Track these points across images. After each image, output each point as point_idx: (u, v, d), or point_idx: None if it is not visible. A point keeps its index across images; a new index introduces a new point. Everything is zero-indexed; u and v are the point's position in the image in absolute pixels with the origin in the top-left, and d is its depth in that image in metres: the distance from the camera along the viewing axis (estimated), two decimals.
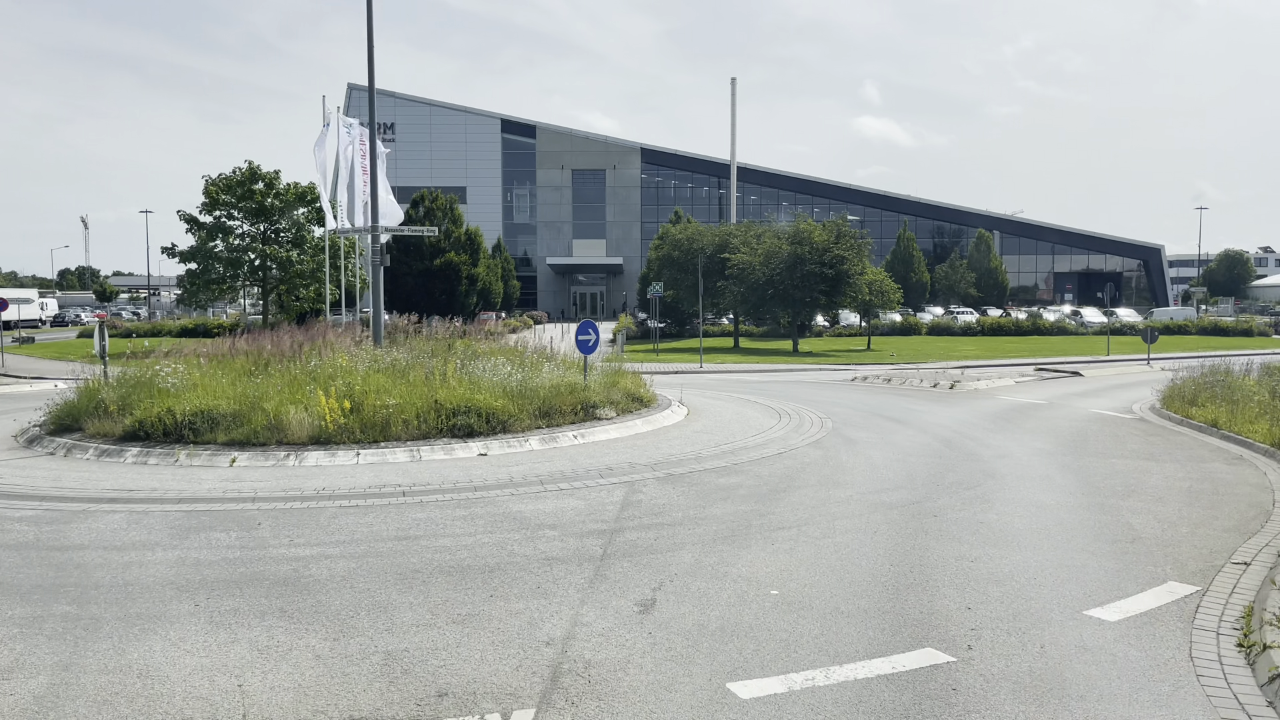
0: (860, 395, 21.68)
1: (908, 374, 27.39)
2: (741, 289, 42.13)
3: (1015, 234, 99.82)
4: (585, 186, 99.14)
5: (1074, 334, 57.15)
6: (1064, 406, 19.80)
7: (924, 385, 24.45)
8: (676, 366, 31.35)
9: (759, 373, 30.33)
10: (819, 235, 41.16)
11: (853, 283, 40.85)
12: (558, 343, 36.31)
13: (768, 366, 31.88)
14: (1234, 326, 56.57)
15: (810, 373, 30.60)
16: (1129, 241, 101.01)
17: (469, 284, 56.65)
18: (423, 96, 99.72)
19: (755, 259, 41.92)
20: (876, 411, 18.26)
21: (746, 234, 46.00)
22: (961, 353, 41.92)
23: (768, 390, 22.97)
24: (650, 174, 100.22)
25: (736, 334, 48.40)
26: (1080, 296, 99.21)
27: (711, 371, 30.19)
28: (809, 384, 25.57)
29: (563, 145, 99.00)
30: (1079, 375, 27.82)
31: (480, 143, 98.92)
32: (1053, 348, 45.53)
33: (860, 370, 31.15)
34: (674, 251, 46.76)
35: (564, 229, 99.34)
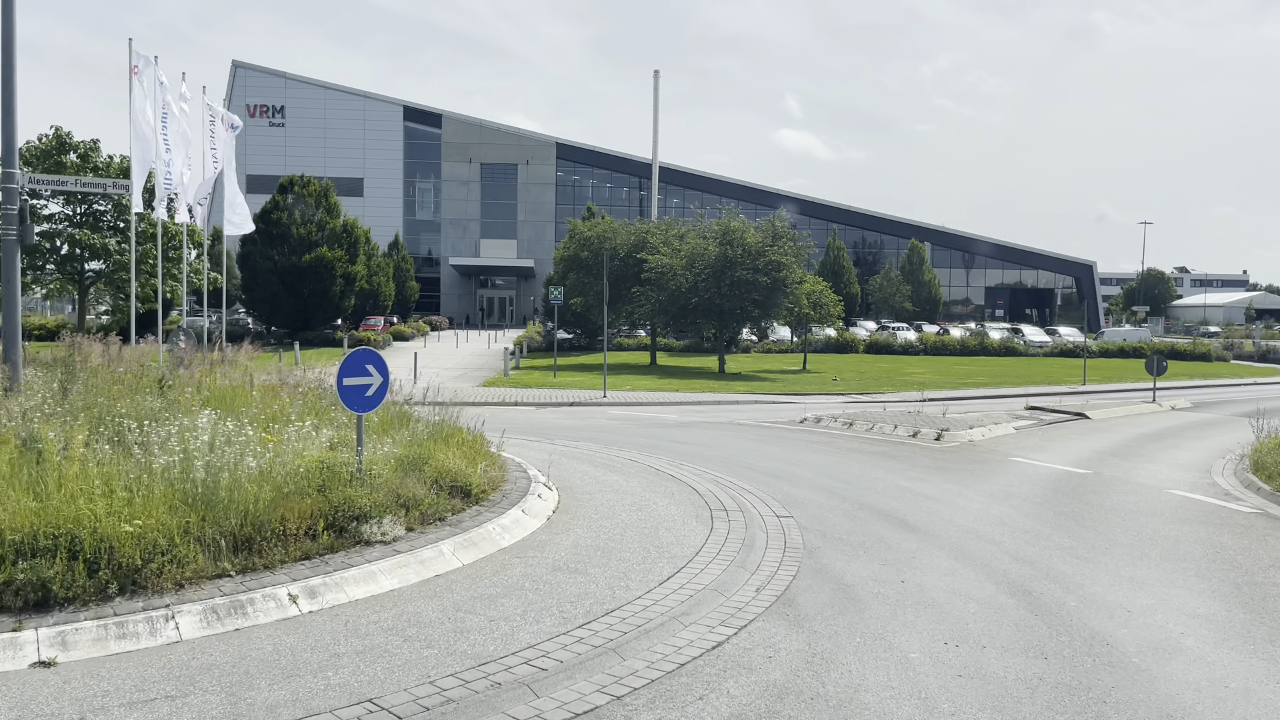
0: (823, 456, 15.02)
1: (870, 412, 20.95)
2: (661, 296, 35.49)
3: (947, 246, 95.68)
4: (496, 182, 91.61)
5: (1023, 354, 52.04)
6: (1118, 479, 13.48)
7: (901, 434, 17.99)
8: (572, 395, 24.40)
9: (679, 406, 23.58)
10: (752, 236, 34.77)
11: (791, 293, 34.56)
12: (438, 362, 29.02)
13: (689, 397, 25.14)
14: (1191, 350, 52.16)
15: (744, 406, 23.98)
16: (1062, 257, 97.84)
17: (345, 284, 48.78)
18: (316, 78, 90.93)
19: (677, 262, 35.29)
20: (861, 496, 11.59)
21: (667, 233, 39.36)
22: (911, 376, 35.93)
23: (690, 442, 16.17)
24: (567, 172, 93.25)
25: (654, 349, 41.73)
26: (1011, 312, 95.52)
27: (617, 404, 23.33)
28: (747, 429, 18.86)
29: (471, 137, 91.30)
30: (1085, 418, 21.77)
31: (380, 131, 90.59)
32: (1009, 371, 39.96)
33: (808, 405, 24.64)
34: (582, 251, 39.86)
35: (471, 227, 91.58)
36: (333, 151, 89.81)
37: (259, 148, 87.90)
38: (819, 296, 38.62)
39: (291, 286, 46.83)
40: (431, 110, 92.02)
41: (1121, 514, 11.05)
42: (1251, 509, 11.66)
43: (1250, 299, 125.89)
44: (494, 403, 22.67)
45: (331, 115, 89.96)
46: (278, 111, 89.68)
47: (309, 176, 49.68)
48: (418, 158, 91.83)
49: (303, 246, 47.14)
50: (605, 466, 12.77)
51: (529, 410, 21.35)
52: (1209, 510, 11.48)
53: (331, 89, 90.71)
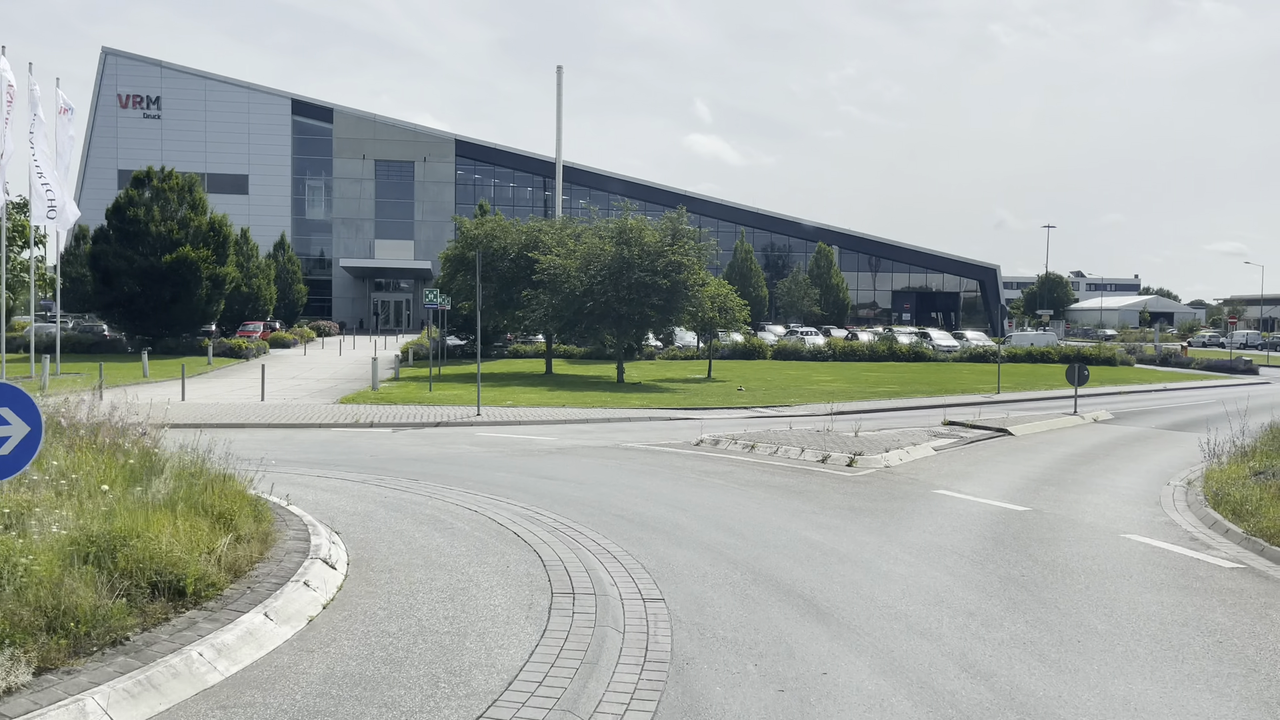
0: (717, 495, 12.45)
1: (775, 431, 18.54)
2: (554, 300, 32.65)
3: (854, 250, 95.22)
4: (391, 180, 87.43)
5: (932, 359, 50.83)
6: (1062, 519, 11.26)
7: (809, 459, 15.58)
8: (442, 414, 21.41)
9: (562, 426, 20.80)
10: (651, 235, 32.22)
11: (693, 296, 32.12)
12: (310, 373, 25.92)
13: (576, 414, 22.39)
14: (1097, 354, 51.73)
15: (637, 425, 21.33)
16: (967, 261, 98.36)
17: (213, 286, 44.55)
18: (195, 68, 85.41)
19: (571, 263, 32.48)
20: (758, 559, 9.01)
21: (561, 232, 36.52)
22: (820, 384, 33.91)
23: (559, 477, 13.42)
24: (467, 170, 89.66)
25: (549, 356, 38.83)
26: (918, 316, 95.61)
27: (491, 423, 20.42)
28: (633, 455, 16.21)
29: (364, 133, 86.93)
30: (1008, 434, 19.78)
31: (267, 125, 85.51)
32: (920, 378, 38.35)
33: (708, 421, 22.14)
34: (469, 251, 36.72)
35: (365, 227, 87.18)
36: (214, 146, 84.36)
37: (132, 140, 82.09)
38: (724, 300, 36.32)
39: (151, 290, 42.45)
40: (322, 104, 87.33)
41: (1082, 577, 8.72)
42: (1230, 562, 9.48)
43: (1144, 302, 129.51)
44: (344, 424, 19.54)
45: (213, 108, 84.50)
46: (153, 102, 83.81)
47: (170, 168, 45.29)
48: (308, 154, 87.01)
49: (163, 246, 42.78)
50: (432, 521, 9.90)
51: (381, 435, 18.31)
52: (1182, 566, 9.26)
53: (213, 80, 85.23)
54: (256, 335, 55.19)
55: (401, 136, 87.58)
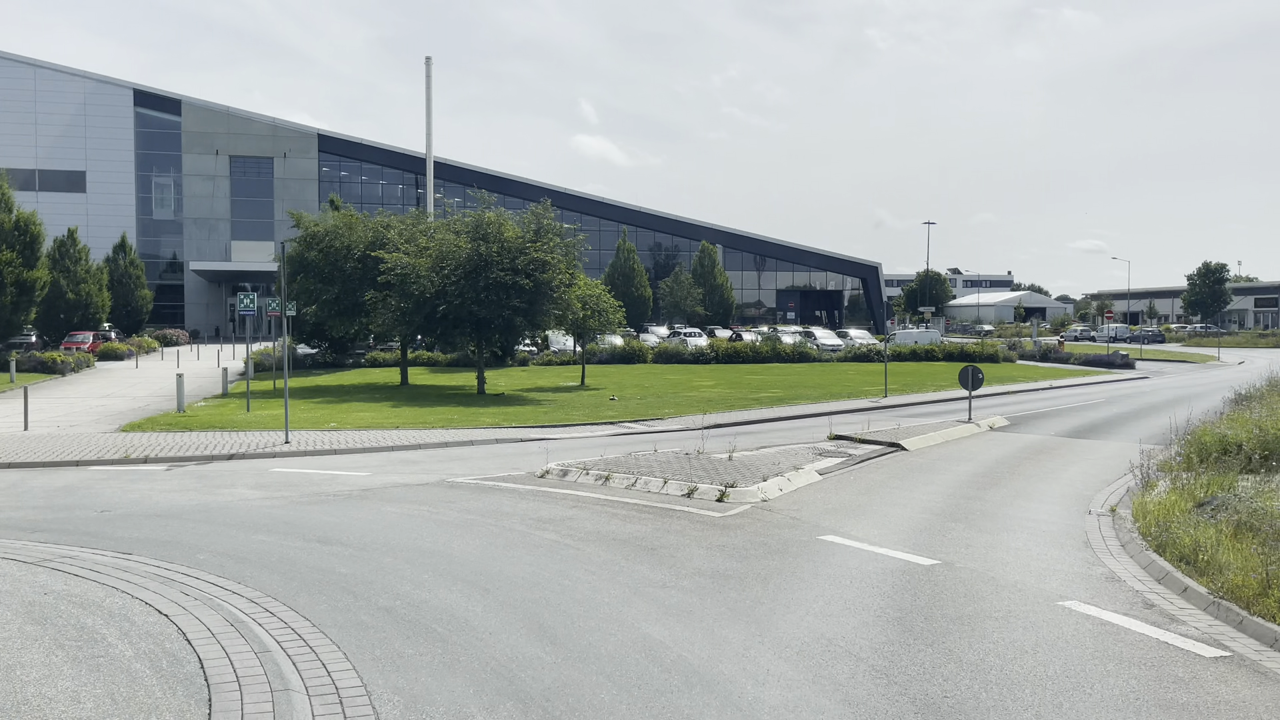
0: (541, 561, 9.49)
1: (638, 456, 15.73)
2: (403, 304, 29.15)
3: (739, 249, 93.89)
4: (248, 178, 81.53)
5: (816, 359, 49.16)
6: (981, 577, 8.77)
7: (672, 493, 12.82)
8: (241, 443, 17.83)
9: (385, 454, 17.51)
10: (511, 230, 29.07)
11: (559, 297, 29.09)
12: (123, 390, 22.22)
13: (410, 438, 19.09)
14: (979, 351, 51.02)
15: (479, 449, 18.20)
16: (850, 259, 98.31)
17: (19, 293, 39.19)
18: (23, 55, 77.76)
19: (420, 262, 29.02)
20: (559, 695, 6.08)
21: (413, 228, 32.96)
22: (700, 391, 31.43)
23: (338, 540, 10.24)
24: (333, 167, 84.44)
25: (404, 366, 35.14)
26: (802, 314, 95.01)
27: (296, 453, 16.96)
28: (458, 496, 13.10)
29: (217, 126, 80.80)
30: (901, 449, 17.47)
31: (106, 118, 78.55)
32: (804, 380, 36.35)
33: (565, 441, 19.17)
34: (310, 251, 32.82)
35: (220, 228, 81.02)
36: (46, 140, 76.99)
37: None
38: (597, 301, 33.44)
39: None
40: (169, 95, 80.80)
41: (1028, 690, 6.11)
42: (1210, 646, 7.06)
43: (1019, 298, 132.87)
44: (110, 460, 15.79)
45: (44, 99, 77.08)
46: None
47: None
48: (154, 149, 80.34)
49: None
50: (80, 640, 6.60)
51: (146, 476, 14.66)
52: (1153, 661, 6.76)
53: (43, 68, 77.78)
54: (85, 346, 49.66)
55: (259, 131, 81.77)
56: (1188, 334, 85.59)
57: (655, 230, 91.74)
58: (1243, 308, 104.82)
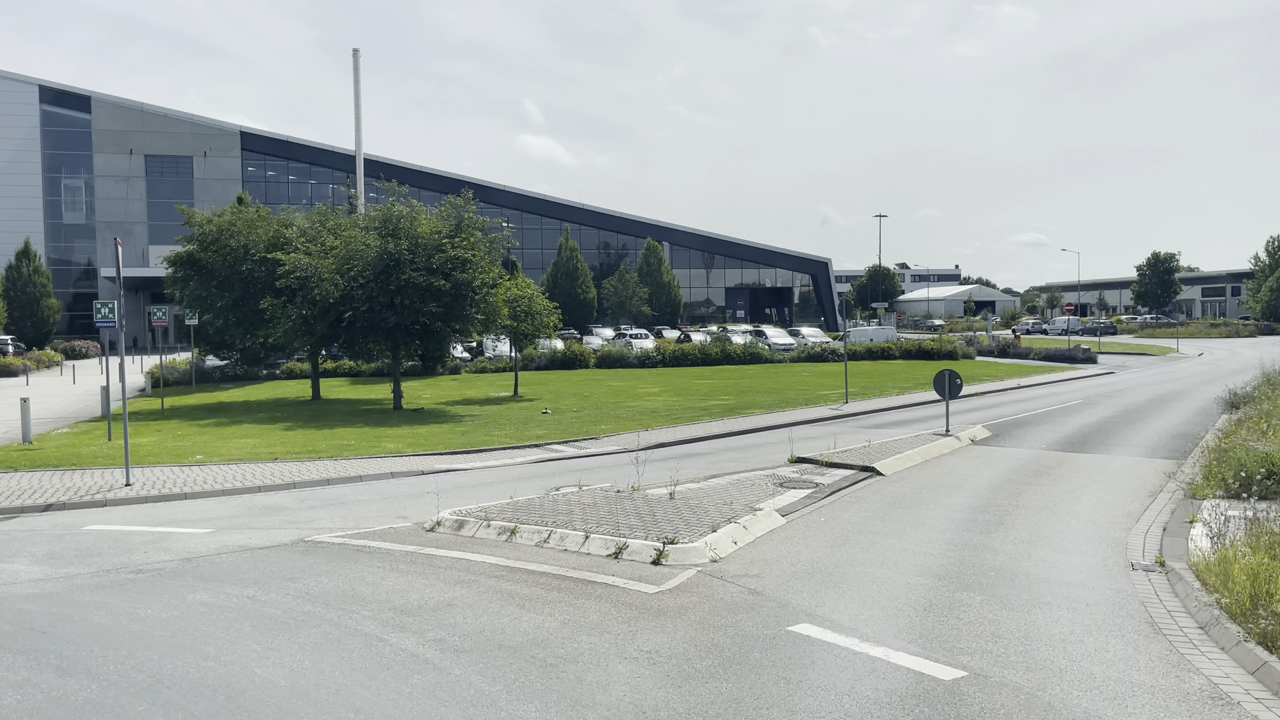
0: (400, 703, 6.40)
1: (559, 498, 12.73)
2: (307, 311, 25.76)
3: (687, 246, 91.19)
4: (166, 178, 76.89)
5: (769, 360, 46.52)
6: (1027, 697, 5.90)
7: (594, 550, 9.84)
8: (70, 485, 14.45)
9: (248, 497, 14.24)
10: (426, 225, 25.86)
11: (481, 300, 25.91)
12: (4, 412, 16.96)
13: (284, 473, 15.82)
14: (938, 349, 48.78)
15: (367, 486, 15.03)
16: (799, 255, 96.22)
17: None
18: None
19: (323, 263, 25.65)
20: None
21: (318, 226, 29.54)
22: (644, 400, 28.51)
23: (74, 668, 7.07)
24: (258, 166, 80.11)
25: (316, 379, 31.62)
26: (752, 312, 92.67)
27: (132, 500, 13.61)
28: (310, 565, 9.94)
29: (131, 124, 76.03)
30: (877, 474, 14.67)
31: (8, 116, 73.45)
32: (756, 384, 33.63)
33: (476, 472, 16.08)
34: (205, 252, 29.20)
35: (137, 231, 76.20)
36: None
37: None
38: (529, 303, 30.30)
39: None
40: (77, 92, 75.83)
41: None
42: None
43: (968, 291, 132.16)
44: None
45: None
46: None
47: None
48: (62, 148, 75.31)
49: None
50: None
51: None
52: None
53: None
54: None
55: (176, 129, 77.13)
56: (1139, 325, 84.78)
57: (601, 229, 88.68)
58: (1190, 298, 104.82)
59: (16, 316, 60.60)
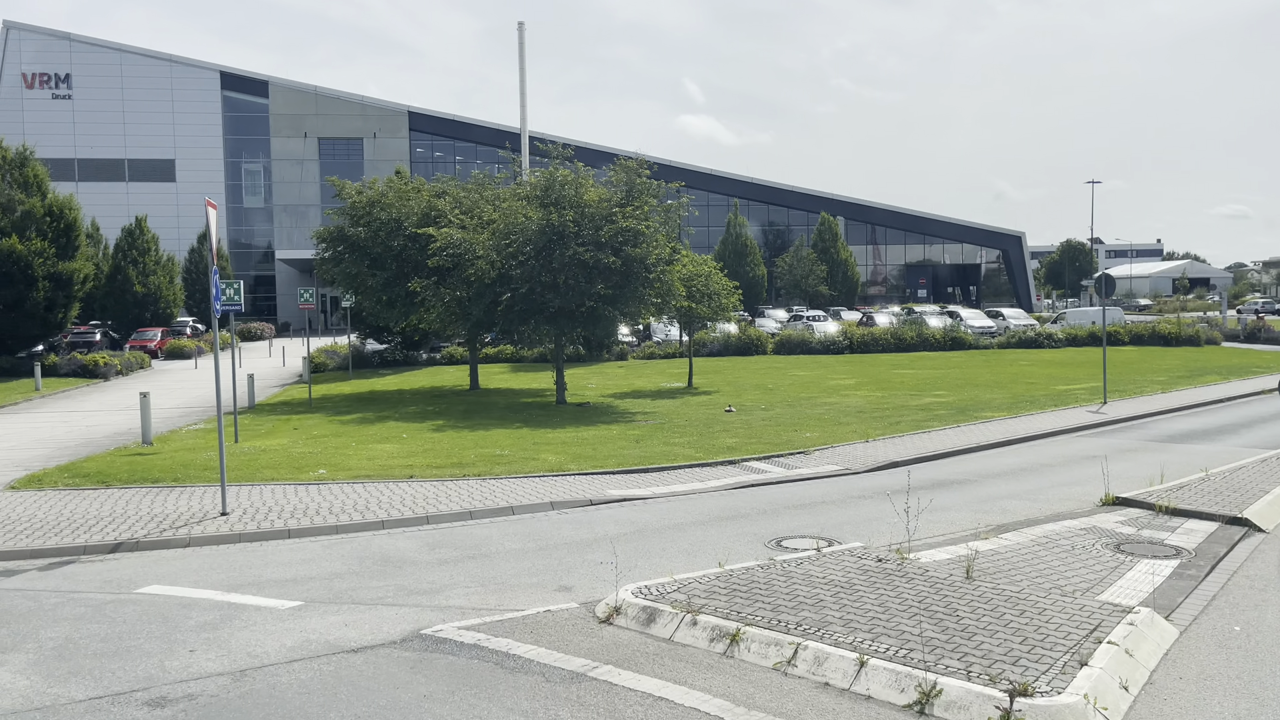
0: None
1: (792, 555, 8.79)
2: (458, 292, 22.82)
3: (862, 220, 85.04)
4: (338, 160, 77.24)
5: (972, 346, 40.90)
6: None
7: (878, 693, 5.77)
8: (163, 514, 11.65)
9: (368, 537, 10.97)
10: (593, 193, 22.37)
11: (655, 278, 22.21)
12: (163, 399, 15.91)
13: (426, 500, 12.53)
14: (1176, 333, 41.69)
15: (523, 525, 11.54)
16: (987, 228, 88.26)
17: (54, 287, 34.71)
18: (109, 40, 75.26)
19: (478, 237, 22.58)
20: None
21: (475, 196, 26.58)
22: (838, 392, 24.16)
23: None
24: (425, 146, 79.66)
25: (474, 366, 28.82)
26: (935, 292, 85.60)
27: (227, 538, 10.60)
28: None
29: (306, 108, 76.86)
30: (1252, 527, 9.90)
31: (193, 103, 75.39)
32: (969, 376, 28.57)
33: (656, 516, 12.31)
34: (355, 228, 26.82)
35: (310, 214, 77.06)
36: (135, 128, 74.34)
37: (40, 125, 71.44)
38: (706, 282, 26.40)
39: None
40: (256, 77, 77.21)
41: None
42: None
43: (1180, 268, 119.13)
44: None
45: (131, 85, 74.40)
46: (62, 80, 73.74)
47: None
48: (242, 133, 76.99)
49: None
50: None
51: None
52: None
53: (129, 52, 75.11)
54: (153, 344, 45.59)
55: (347, 111, 77.50)
56: None
57: (769, 203, 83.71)
58: None
59: (198, 299, 61.86)
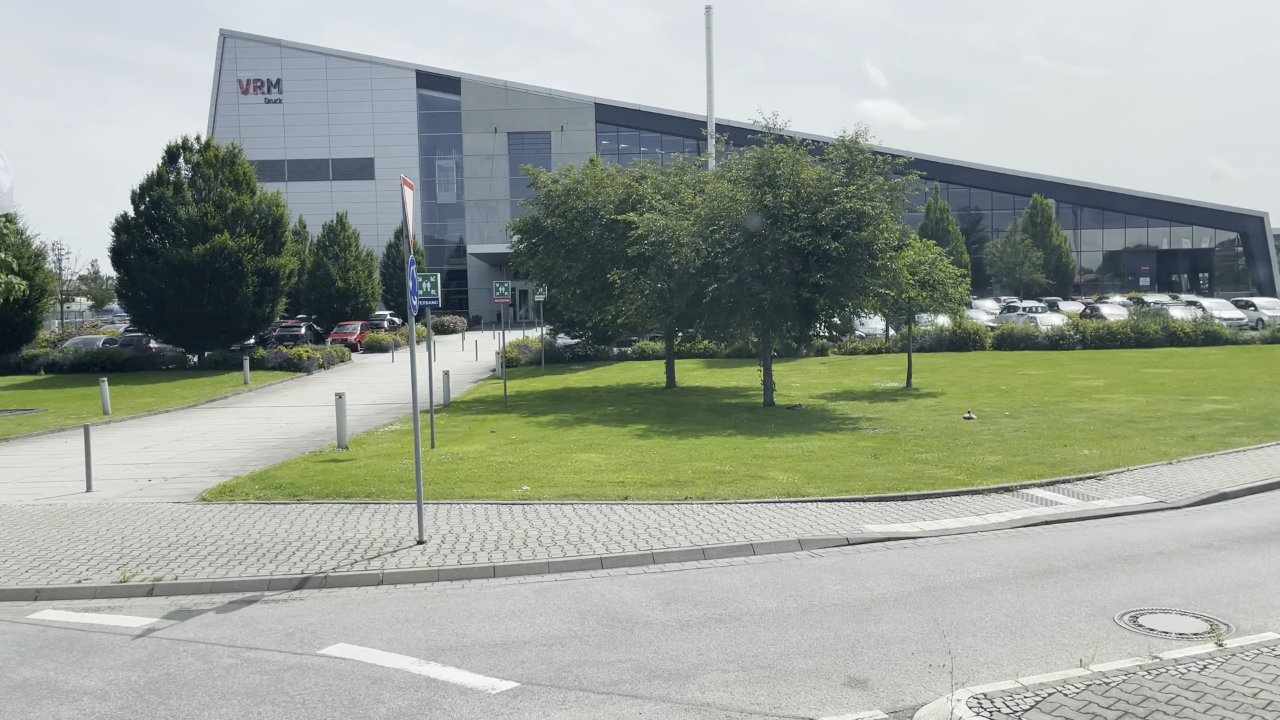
0: None
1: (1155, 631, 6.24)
2: (660, 284, 21.04)
3: (1074, 203, 77.97)
4: (526, 154, 77.84)
5: (1231, 341, 35.67)
6: None
7: None
8: (354, 537, 10.24)
9: (587, 579, 9.16)
10: (811, 171, 19.98)
11: (883, 266, 19.60)
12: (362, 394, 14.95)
13: (649, 531, 10.63)
14: None
15: (769, 571, 9.42)
16: (1222, 209, 79.05)
17: (262, 283, 35.57)
18: (315, 45, 78.70)
19: (683, 224, 20.69)
20: None
21: (675, 180, 24.71)
22: (1090, 395, 20.74)
23: None
24: (610, 137, 79.14)
25: (670, 362, 27.08)
26: (1159, 280, 77.48)
27: (424, 575, 9.01)
28: None
29: (495, 103, 77.85)
30: None
31: (391, 102, 77.85)
32: (1242, 379, 24.28)
33: (938, 560, 9.89)
34: (549, 217, 25.54)
35: (499, 209, 78.06)
36: (338, 129, 77.54)
37: (255, 129, 75.79)
38: (930, 270, 23.47)
39: (184, 288, 33.88)
40: (448, 74, 78.89)
41: None
42: None
43: None
44: (83, 591, 8.63)
45: (335, 87, 77.61)
46: (273, 85, 77.73)
47: (210, 139, 36.65)
48: (436, 130, 78.88)
49: (195, 233, 34.11)
50: None
51: (67, 645, 7.31)
52: None
53: (333, 55, 78.36)
54: (353, 338, 46.74)
55: (535, 104, 77.96)
56: None
57: (970, 186, 78.12)
58: None
59: (395, 293, 63.57)
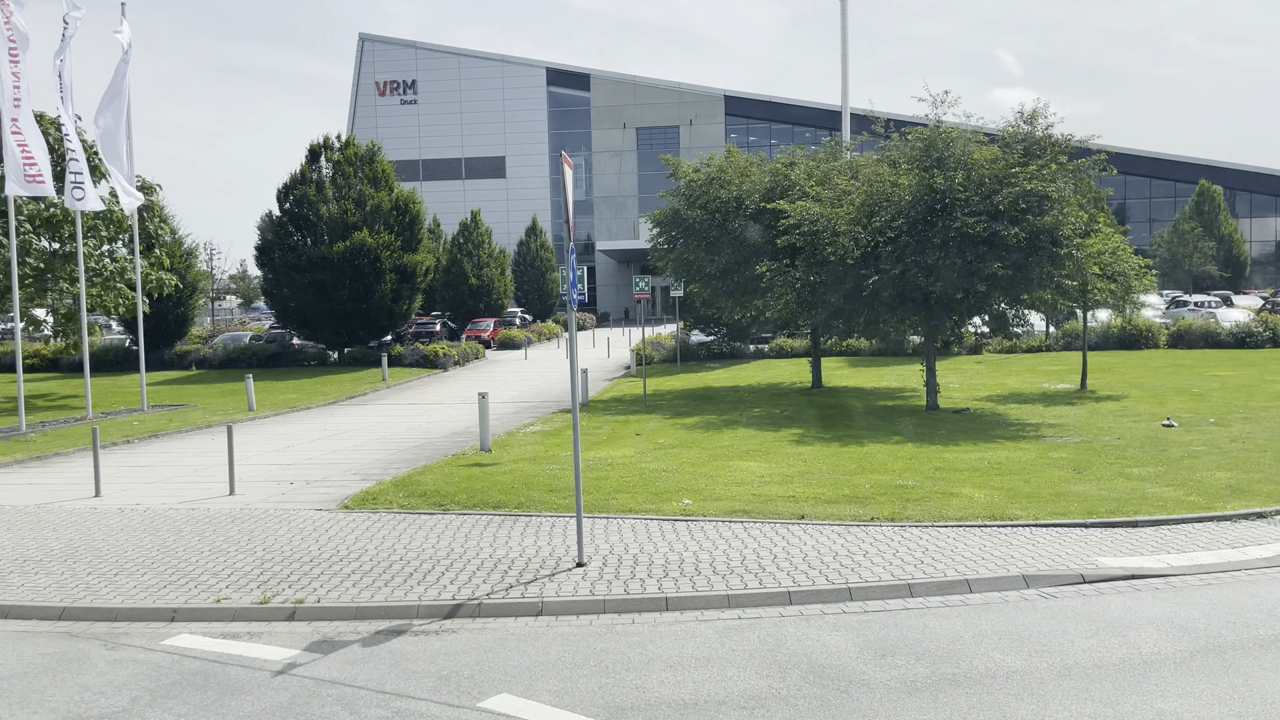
0: None
1: None
2: (816, 277, 19.58)
3: (1241, 188, 71.84)
4: (654, 150, 77.03)
5: None
6: None
7: None
8: (504, 557, 9.30)
9: (776, 618, 7.92)
10: (983, 152, 18.15)
11: (1065, 255, 17.58)
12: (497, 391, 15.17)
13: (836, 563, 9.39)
14: None
15: (995, 608, 8.01)
16: None
17: (400, 279, 35.70)
18: (449, 45, 79.86)
19: (836, 212, 19.15)
20: None
21: (825, 165, 23.09)
22: None
23: None
24: (740, 130, 77.39)
25: (817, 361, 25.48)
26: None
27: (588, 604, 7.96)
28: None
29: (624, 98, 77.29)
30: None
31: (522, 100, 78.28)
32: None
33: (1191, 600, 8.20)
34: (690, 209, 24.34)
35: (627, 205, 77.60)
36: (471, 128, 78.53)
37: (391, 130, 77.40)
38: (1113, 259, 21.16)
39: (324, 286, 34.29)
40: (578, 70, 78.80)
41: None
42: None
43: None
44: (225, 613, 7.89)
45: (467, 86, 78.60)
46: (409, 87, 79.29)
47: (350, 137, 37.04)
48: (565, 127, 78.88)
49: (335, 231, 34.47)
50: None
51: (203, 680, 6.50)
52: None
53: (466, 55, 79.37)
54: (486, 334, 46.86)
55: (663, 99, 77.05)
56: None
57: (1125, 173, 73.03)
58: None
59: (526, 290, 63.75)
